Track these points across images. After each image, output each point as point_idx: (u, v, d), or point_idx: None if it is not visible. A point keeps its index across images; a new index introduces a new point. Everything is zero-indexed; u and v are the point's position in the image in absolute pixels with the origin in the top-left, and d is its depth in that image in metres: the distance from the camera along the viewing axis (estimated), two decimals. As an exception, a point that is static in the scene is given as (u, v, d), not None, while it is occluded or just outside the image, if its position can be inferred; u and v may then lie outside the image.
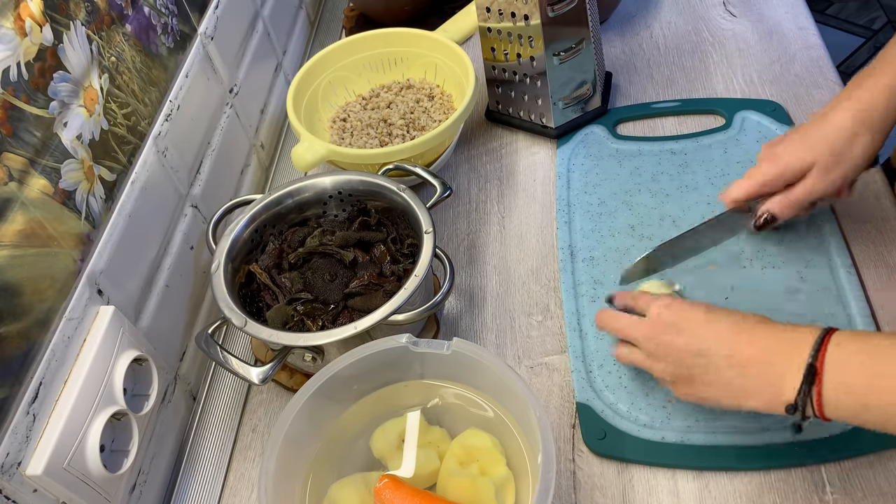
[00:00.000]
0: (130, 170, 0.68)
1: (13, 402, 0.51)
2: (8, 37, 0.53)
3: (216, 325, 0.67)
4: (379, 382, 0.62)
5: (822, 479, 0.59)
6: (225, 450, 0.71)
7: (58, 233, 0.57)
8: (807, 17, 0.99)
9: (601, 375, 0.68)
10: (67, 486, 0.53)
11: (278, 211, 0.75)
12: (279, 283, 0.72)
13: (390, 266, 0.72)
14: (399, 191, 0.73)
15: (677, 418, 0.63)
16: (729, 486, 0.60)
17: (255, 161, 0.95)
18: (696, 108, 0.90)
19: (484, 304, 0.77)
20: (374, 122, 0.90)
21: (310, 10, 1.21)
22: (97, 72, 0.64)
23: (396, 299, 0.63)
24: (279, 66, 1.06)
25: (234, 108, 0.89)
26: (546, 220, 0.83)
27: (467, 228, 0.85)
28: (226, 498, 0.68)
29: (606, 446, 0.63)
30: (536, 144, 0.92)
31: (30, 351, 0.53)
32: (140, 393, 0.64)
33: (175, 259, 0.73)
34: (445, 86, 0.93)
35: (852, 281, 0.68)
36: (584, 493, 0.62)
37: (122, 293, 0.64)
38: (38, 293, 0.54)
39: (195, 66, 0.80)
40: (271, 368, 0.63)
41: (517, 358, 0.72)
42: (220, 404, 0.75)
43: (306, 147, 0.81)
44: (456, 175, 0.91)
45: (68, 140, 0.59)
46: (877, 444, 0.59)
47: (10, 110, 0.53)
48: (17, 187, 0.53)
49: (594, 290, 0.74)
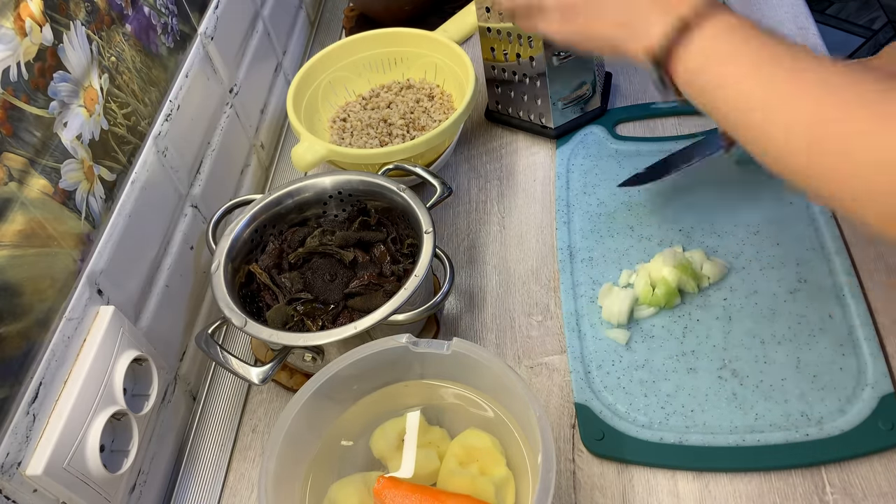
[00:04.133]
0: (130, 170, 0.68)
1: (13, 402, 0.51)
2: (8, 37, 0.53)
3: (216, 325, 0.67)
4: (379, 382, 0.62)
5: (823, 479, 0.59)
6: (225, 450, 0.71)
7: (58, 233, 0.57)
8: (807, 17, 0.99)
9: (600, 376, 0.68)
10: (67, 486, 0.53)
11: (278, 211, 0.75)
12: (279, 283, 0.72)
13: (390, 266, 0.72)
14: (399, 191, 0.73)
15: (676, 419, 0.63)
16: (729, 486, 0.60)
17: (255, 161, 0.95)
18: (695, 108, 0.90)
19: (484, 304, 0.77)
20: (374, 122, 0.90)
21: (310, 10, 1.21)
22: (97, 72, 0.64)
23: (396, 299, 0.63)
24: (279, 66, 1.06)
25: (234, 108, 0.89)
26: (546, 220, 0.83)
27: (467, 228, 0.85)
28: (226, 498, 0.68)
29: (605, 447, 0.63)
30: (536, 145, 0.92)
31: (30, 351, 0.53)
32: (140, 393, 0.64)
33: (175, 259, 0.73)
34: (445, 86, 0.93)
35: (852, 282, 0.68)
36: (584, 494, 0.62)
37: (122, 293, 0.64)
38: (37, 293, 0.54)
39: (195, 66, 0.81)
40: (271, 368, 0.63)
41: (517, 358, 0.72)
42: (220, 404, 0.75)
43: (306, 147, 0.81)
44: (456, 175, 0.91)
45: (68, 140, 0.59)
46: (877, 444, 0.59)
47: (10, 110, 0.53)
48: (17, 187, 0.53)
49: (593, 291, 0.74)
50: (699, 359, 0.67)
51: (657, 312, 0.71)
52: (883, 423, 0.60)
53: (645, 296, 0.71)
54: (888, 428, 0.60)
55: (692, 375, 0.66)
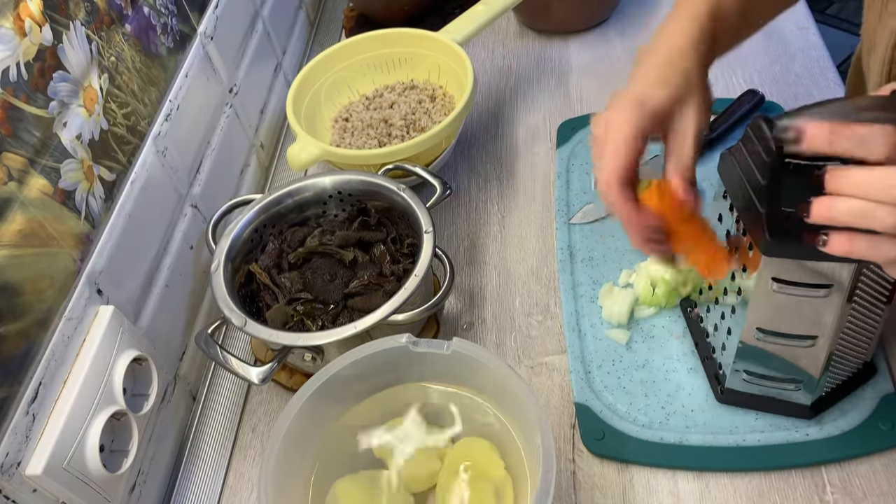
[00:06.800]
0: (130, 170, 0.67)
1: (13, 402, 0.51)
2: (8, 37, 0.53)
3: (216, 325, 0.67)
4: (379, 382, 0.62)
5: (823, 479, 0.59)
6: (224, 450, 0.71)
7: (57, 233, 0.57)
8: (807, 17, 0.99)
9: (600, 376, 0.68)
10: (67, 486, 0.53)
11: (278, 211, 0.75)
12: (279, 283, 0.72)
13: (390, 266, 0.72)
14: (399, 191, 0.72)
15: (676, 419, 0.63)
16: (729, 486, 0.60)
17: (255, 161, 0.95)
18: None
19: (484, 304, 0.77)
20: (374, 123, 0.90)
21: (310, 10, 1.21)
22: (97, 72, 0.64)
23: (396, 299, 0.63)
24: (279, 66, 1.06)
25: (233, 108, 0.89)
26: (546, 220, 0.83)
27: (467, 228, 0.85)
28: (225, 498, 0.68)
29: (605, 447, 0.63)
30: (537, 145, 0.92)
31: (29, 351, 0.53)
32: (140, 393, 0.64)
33: (175, 259, 0.73)
34: (448, 87, 0.93)
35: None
36: (584, 494, 0.62)
37: (122, 293, 0.64)
38: (37, 293, 0.54)
39: (195, 66, 0.80)
40: (271, 368, 0.63)
41: (517, 358, 0.72)
42: (219, 404, 0.75)
43: (301, 147, 0.81)
44: (456, 175, 0.91)
45: (68, 140, 0.59)
46: (877, 443, 0.59)
47: (10, 110, 0.53)
48: (16, 187, 0.53)
49: (593, 291, 0.74)
50: (699, 358, 0.67)
51: (657, 312, 0.71)
52: (883, 423, 0.60)
53: (645, 296, 0.70)
54: (888, 428, 0.60)
55: (692, 375, 0.66)
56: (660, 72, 0.55)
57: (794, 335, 0.55)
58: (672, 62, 0.55)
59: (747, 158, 0.50)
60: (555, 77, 1.01)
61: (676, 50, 0.56)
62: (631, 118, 0.53)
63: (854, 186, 0.41)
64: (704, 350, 0.66)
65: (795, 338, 0.55)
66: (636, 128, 0.53)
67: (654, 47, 0.57)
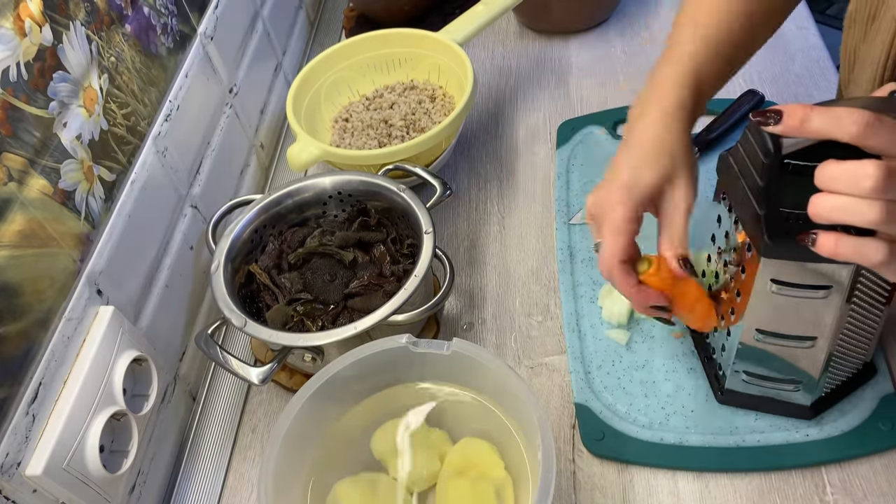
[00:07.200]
0: (130, 170, 0.67)
1: (13, 402, 0.51)
2: (7, 37, 0.53)
3: (216, 326, 0.67)
4: (379, 383, 0.62)
5: (823, 479, 0.59)
6: (224, 450, 0.71)
7: (57, 233, 0.57)
8: (807, 17, 0.99)
9: (600, 376, 0.68)
10: (67, 487, 0.53)
11: (278, 211, 0.75)
12: (279, 283, 0.72)
13: (390, 266, 0.72)
14: (399, 191, 0.72)
15: (676, 419, 0.63)
16: (729, 486, 0.60)
17: (255, 161, 0.95)
18: None
19: (484, 304, 0.77)
20: (374, 123, 0.90)
21: (309, 10, 1.21)
22: (97, 72, 0.64)
23: (396, 299, 0.63)
24: (279, 67, 1.06)
25: (233, 108, 0.89)
26: (546, 220, 0.83)
27: (467, 228, 0.85)
28: (225, 498, 0.68)
29: (605, 447, 0.63)
30: (537, 145, 0.92)
31: (29, 351, 0.53)
32: (140, 393, 0.64)
33: (175, 259, 0.73)
34: (448, 87, 0.93)
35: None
36: (584, 494, 0.62)
37: (122, 293, 0.64)
38: (37, 293, 0.54)
39: (195, 66, 0.80)
40: (271, 369, 0.63)
41: (517, 358, 0.72)
42: (219, 405, 0.75)
43: (300, 147, 0.81)
44: (456, 175, 0.91)
45: (68, 140, 0.59)
46: (877, 444, 0.59)
47: (10, 110, 0.53)
48: (16, 187, 0.53)
49: (593, 291, 0.74)
50: (699, 359, 0.67)
51: (657, 312, 0.71)
52: (883, 423, 0.60)
53: (645, 296, 0.70)
54: (888, 428, 0.60)
55: (692, 376, 0.66)
56: (646, 153, 0.57)
57: (794, 336, 0.55)
58: (659, 136, 0.57)
59: (746, 160, 0.50)
60: (555, 77, 1.01)
61: (662, 122, 0.58)
62: (623, 201, 0.56)
63: (831, 180, 0.40)
64: (704, 351, 0.67)
65: (795, 339, 0.56)
66: (629, 209, 0.56)
67: (645, 110, 0.59)
